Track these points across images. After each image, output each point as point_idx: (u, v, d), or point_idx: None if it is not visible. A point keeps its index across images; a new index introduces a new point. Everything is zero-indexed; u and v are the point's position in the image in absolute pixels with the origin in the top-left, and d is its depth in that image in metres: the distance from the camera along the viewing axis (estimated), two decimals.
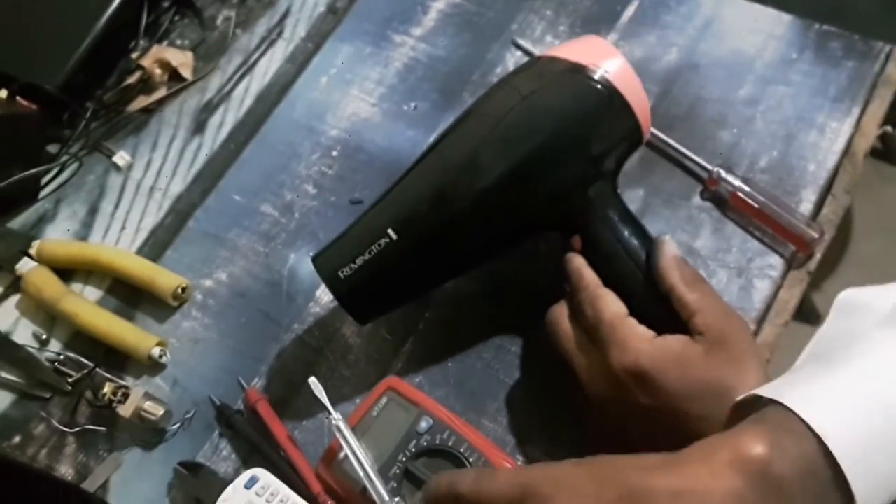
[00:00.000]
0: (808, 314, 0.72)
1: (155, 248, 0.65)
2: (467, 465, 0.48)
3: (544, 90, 0.49)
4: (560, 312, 0.50)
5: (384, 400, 0.52)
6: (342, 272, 0.51)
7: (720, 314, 0.44)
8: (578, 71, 0.50)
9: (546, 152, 0.49)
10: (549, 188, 0.50)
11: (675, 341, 0.44)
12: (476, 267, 0.54)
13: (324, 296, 0.60)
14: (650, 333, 0.45)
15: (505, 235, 0.52)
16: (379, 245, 0.50)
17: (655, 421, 0.44)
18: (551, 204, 0.50)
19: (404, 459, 0.49)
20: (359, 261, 0.50)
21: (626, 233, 0.49)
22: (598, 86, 0.49)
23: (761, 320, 0.55)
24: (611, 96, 0.49)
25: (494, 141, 0.49)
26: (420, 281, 0.53)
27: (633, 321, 0.46)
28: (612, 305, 0.46)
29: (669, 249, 0.47)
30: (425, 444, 0.49)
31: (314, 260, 0.52)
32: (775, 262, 0.57)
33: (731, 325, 0.44)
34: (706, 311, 0.44)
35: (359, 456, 0.48)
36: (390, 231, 0.50)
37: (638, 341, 0.44)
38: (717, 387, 0.42)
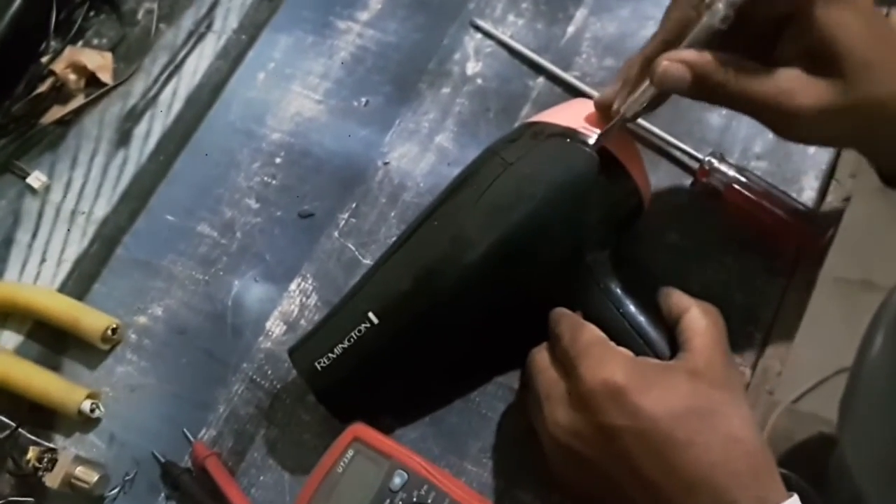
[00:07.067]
0: None
1: (80, 281, 0.58)
2: None
3: (533, 157, 0.45)
4: (539, 349, 0.46)
5: (350, 453, 0.45)
6: (319, 363, 0.46)
7: (710, 342, 0.42)
8: (569, 136, 0.46)
9: (536, 222, 0.44)
10: (541, 259, 0.45)
11: (657, 363, 0.42)
12: (476, 361, 0.49)
13: (274, 328, 0.54)
14: (630, 353, 0.43)
15: (497, 316, 0.47)
16: (359, 331, 0.45)
17: (629, 455, 0.39)
18: (545, 277, 0.46)
19: None
20: (337, 349, 0.45)
21: (631, 307, 0.45)
22: (590, 150, 0.45)
23: (770, 326, 0.49)
24: (605, 161, 0.45)
25: (480, 212, 0.45)
26: (408, 372, 0.48)
27: (613, 345, 0.43)
28: (593, 331, 0.44)
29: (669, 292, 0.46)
30: (401, 503, 0.43)
31: (290, 353, 0.47)
32: (778, 259, 0.51)
33: (717, 353, 0.42)
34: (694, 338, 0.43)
35: None
36: (370, 315, 0.45)
37: (617, 356, 0.41)
38: (702, 411, 0.39)
